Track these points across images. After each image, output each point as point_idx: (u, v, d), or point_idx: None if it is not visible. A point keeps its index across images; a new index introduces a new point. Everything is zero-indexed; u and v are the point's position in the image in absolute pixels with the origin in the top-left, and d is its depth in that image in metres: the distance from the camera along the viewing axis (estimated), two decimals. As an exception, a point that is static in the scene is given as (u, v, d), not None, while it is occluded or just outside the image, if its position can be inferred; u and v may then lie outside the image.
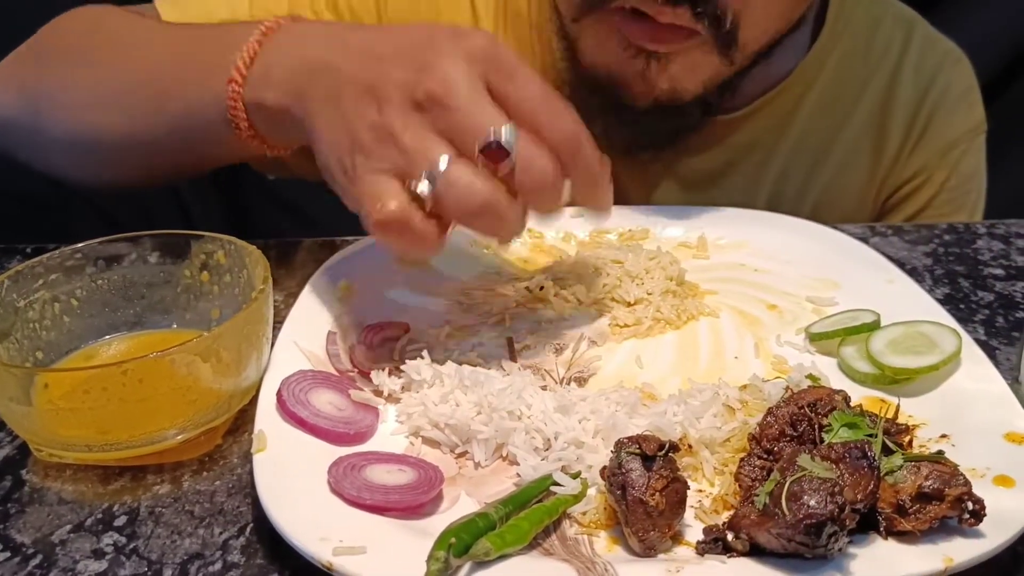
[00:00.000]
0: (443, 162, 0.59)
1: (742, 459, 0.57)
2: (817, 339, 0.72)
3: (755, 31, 0.86)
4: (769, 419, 0.58)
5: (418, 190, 0.60)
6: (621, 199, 1.00)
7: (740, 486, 0.55)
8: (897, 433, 0.57)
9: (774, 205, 1.03)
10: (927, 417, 0.62)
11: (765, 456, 0.56)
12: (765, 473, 0.55)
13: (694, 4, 0.81)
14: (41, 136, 0.90)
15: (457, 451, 0.61)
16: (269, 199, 1.87)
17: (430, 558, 0.49)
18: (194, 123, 0.79)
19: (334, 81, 0.65)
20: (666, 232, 0.90)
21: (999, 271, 0.87)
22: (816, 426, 0.57)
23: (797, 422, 0.57)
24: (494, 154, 0.59)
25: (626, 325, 0.75)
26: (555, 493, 0.56)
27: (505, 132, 0.60)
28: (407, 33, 0.66)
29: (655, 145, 0.98)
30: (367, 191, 0.61)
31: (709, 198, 1.00)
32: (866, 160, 1.05)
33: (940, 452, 0.55)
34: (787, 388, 0.62)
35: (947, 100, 1.05)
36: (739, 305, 0.78)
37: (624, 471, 0.52)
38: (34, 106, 0.89)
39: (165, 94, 0.80)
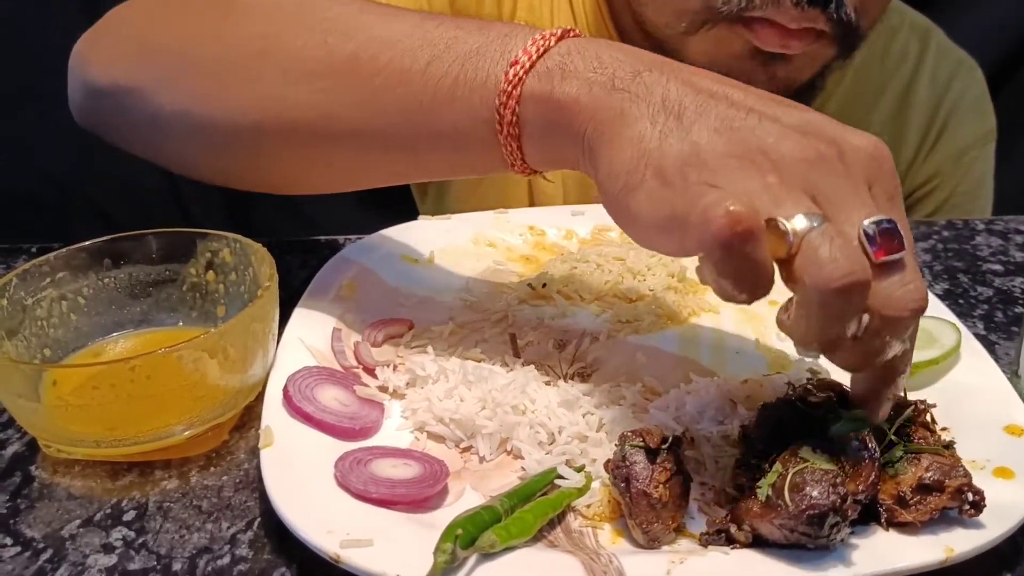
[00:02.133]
0: (816, 220, 0.48)
1: (738, 458, 0.57)
2: (818, 334, 0.72)
3: (870, 20, 0.87)
4: (763, 415, 0.58)
5: (790, 224, 0.47)
6: None
7: (738, 485, 0.56)
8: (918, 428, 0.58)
9: None
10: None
11: (761, 453, 0.57)
12: (762, 469, 0.55)
13: (824, 6, 0.80)
14: (162, 109, 0.71)
15: (462, 445, 0.62)
16: (270, 199, 1.88)
17: (437, 550, 0.49)
18: (432, 118, 0.61)
19: (683, 90, 0.53)
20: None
21: (998, 267, 0.88)
22: (809, 420, 0.57)
23: (791, 417, 0.57)
24: (885, 236, 0.48)
25: (628, 321, 0.76)
26: (559, 486, 0.57)
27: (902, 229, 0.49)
28: (765, 92, 0.55)
29: None
30: (712, 197, 0.48)
31: None
32: None
33: (951, 443, 0.55)
34: (788, 383, 0.63)
35: (961, 107, 1.07)
36: (740, 301, 0.79)
37: (628, 464, 0.53)
38: (163, 68, 0.71)
39: (401, 76, 0.61)
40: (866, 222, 0.48)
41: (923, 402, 0.58)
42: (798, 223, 0.47)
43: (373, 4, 0.66)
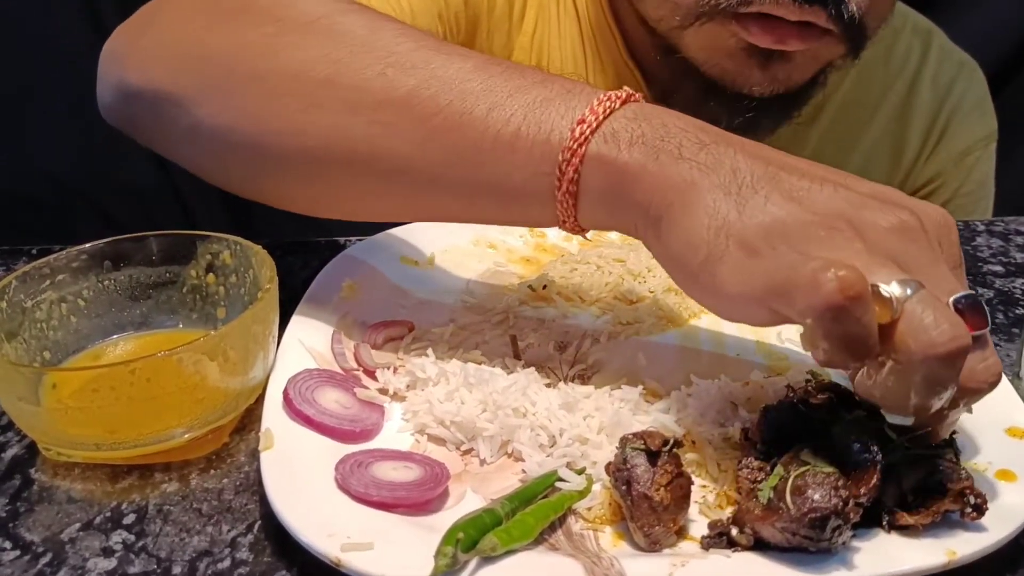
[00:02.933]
0: (915, 287, 0.47)
1: (739, 461, 0.57)
2: (819, 336, 0.72)
3: (876, 20, 0.86)
4: (763, 419, 0.58)
5: (891, 290, 0.47)
6: None
7: (740, 487, 0.56)
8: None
9: None
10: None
11: (762, 457, 0.57)
12: (763, 473, 0.55)
13: (825, 3, 0.79)
14: (202, 121, 0.68)
15: (463, 448, 0.62)
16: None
17: (438, 553, 0.49)
18: (487, 166, 0.60)
19: (752, 162, 0.53)
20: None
21: (998, 268, 0.88)
22: (810, 423, 0.57)
23: (791, 420, 0.57)
24: (972, 311, 0.49)
25: (629, 323, 0.75)
26: (560, 489, 0.56)
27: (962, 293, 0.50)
28: (836, 171, 0.55)
29: (764, 129, 0.94)
30: (817, 264, 0.47)
31: None
32: (884, 165, 1.07)
33: (952, 439, 0.55)
34: (787, 386, 0.63)
35: (962, 109, 1.08)
36: (741, 303, 0.79)
37: (629, 467, 0.53)
38: (210, 78, 0.68)
39: (462, 119, 0.60)
40: (956, 296, 0.49)
41: None
42: (895, 289, 0.47)
43: (439, 42, 0.64)
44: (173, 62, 0.70)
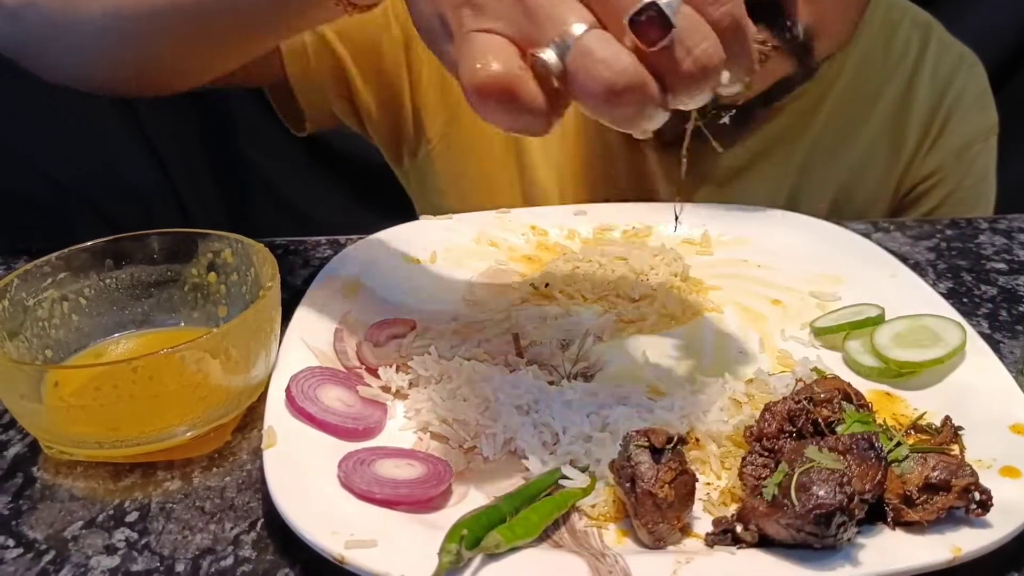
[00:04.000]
0: (578, 28, 0.47)
1: (744, 458, 0.57)
2: (821, 334, 0.72)
3: (829, 40, 0.88)
4: (767, 416, 0.58)
5: (541, 59, 0.47)
6: (648, 192, 1.01)
7: (745, 484, 0.56)
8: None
9: (793, 201, 1.05)
10: (933, 410, 0.63)
11: (766, 453, 0.56)
12: (768, 470, 0.55)
13: (769, 21, 0.81)
14: (70, 17, 0.80)
15: (465, 446, 0.62)
16: (271, 199, 1.88)
17: (442, 550, 0.49)
18: None
19: None
20: (669, 229, 0.90)
21: (1002, 265, 0.88)
22: (814, 420, 0.57)
23: (795, 417, 0.57)
24: (650, 24, 0.47)
25: (631, 321, 0.75)
26: (564, 486, 0.56)
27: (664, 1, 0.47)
28: None
29: (713, 133, 0.93)
30: (468, 50, 0.49)
31: (732, 194, 1.01)
32: (884, 158, 1.07)
33: (957, 430, 0.55)
34: (798, 380, 0.63)
35: (963, 102, 1.07)
36: (743, 301, 0.79)
37: (633, 464, 0.53)
38: None
39: None
40: (630, 14, 0.47)
41: (948, 419, 0.59)
42: (551, 56, 0.47)
43: None
44: None
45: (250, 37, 0.79)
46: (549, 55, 0.47)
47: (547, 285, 0.79)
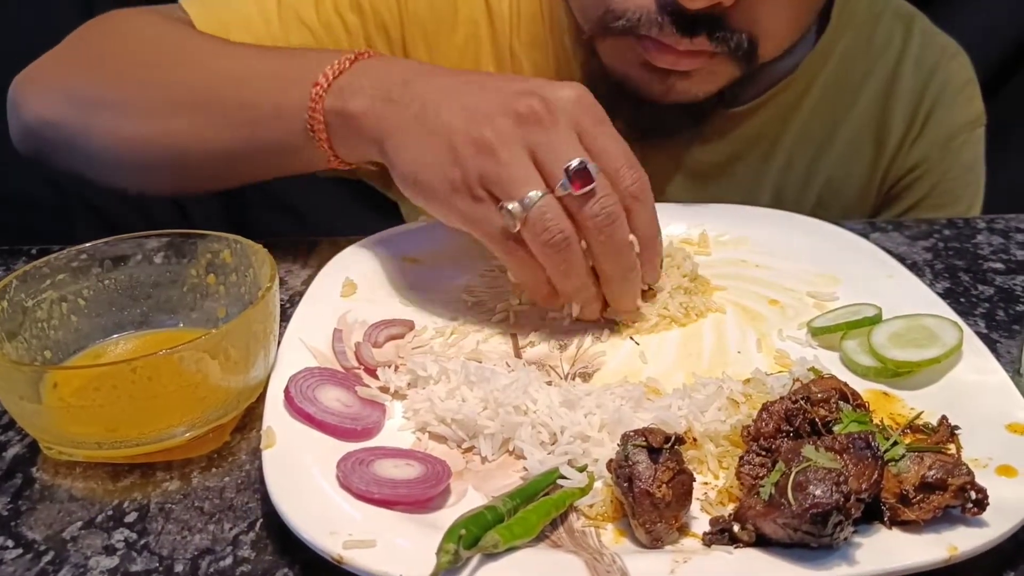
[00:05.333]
0: (533, 194, 0.66)
1: (741, 457, 0.57)
2: (819, 333, 0.73)
3: (774, 43, 0.89)
4: (764, 415, 0.58)
5: (509, 209, 0.66)
6: None
7: (742, 483, 0.56)
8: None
9: (778, 196, 1.05)
10: (929, 409, 0.63)
11: (763, 453, 0.57)
12: (765, 469, 0.56)
13: (711, 32, 0.83)
14: (92, 143, 0.88)
15: (464, 446, 0.62)
16: (269, 200, 1.88)
17: (440, 550, 0.49)
18: (268, 132, 0.81)
19: (427, 98, 0.71)
20: (668, 229, 0.89)
21: (999, 265, 0.88)
22: (811, 419, 0.57)
23: (792, 417, 0.57)
24: (578, 175, 0.66)
25: (629, 321, 0.75)
26: (562, 486, 0.56)
27: (590, 163, 0.67)
28: (503, 75, 0.77)
29: (669, 133, 0.99)
30: (475, 211, 0.69)
31: (715, 189, 1.01)
32: (868, 152, 1.07)
33: (953, 429, 0.55)
34: (796, 380, 0.63)
35: (947, 93, 1.07)
36: (741, 300, 0.79)
37: (630, 463, 0.53)
38: (87, 112, 0.88)
39: (240, 104, 0.82)
40: (567, 166, 0.66)
41: (945, 418, 0.59)
42: (515, 207, 0.66)
43: (213, 46, 0.87)
44: (58, 104, 0.90)
45: (265, 174, 0.90)
46: (514, 206, 0.66)
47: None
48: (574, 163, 0.66)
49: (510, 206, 0.66)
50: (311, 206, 1.83)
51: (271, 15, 0.95)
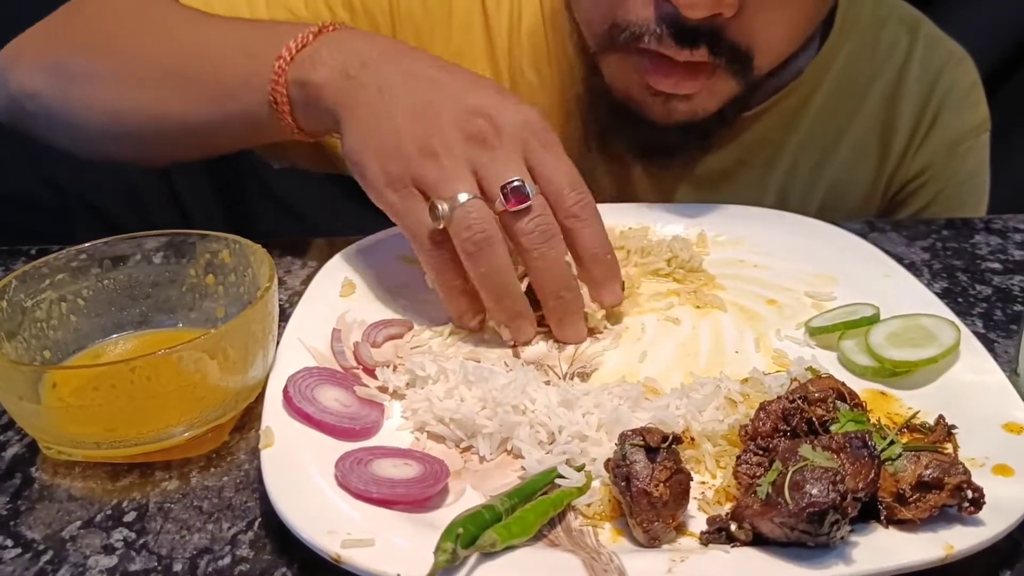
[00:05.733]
0: (464, 196, 0.68)
1: (738, 456, 0.57)
2: (817, 333, 0.73)
3: (770, 56, 0.88)
4: (761, 415, 0.58)
5: (437, 207, 0.68)
6: (635, 199, 1.01)
7: (739, 483, 0.56)
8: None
9: (783, 201, 1.05)
10: (927, 409, 0.63)
11: (760, 452, 0.57)
12: (762, 468, 0.56)
13: (711, 44, 0.83)
14: (69, 113, 0.91)
15: (462, 445, 0.62)
16: (269, 200, 1.88)
17: (438, 549, 0.49)
18: (234, 104, 0.82)
19: (382, 83, 0.73)
20: (666, 229, 0.90)
21: (997, 265, 0.88)
22: (809, 419, 0.57)
23: (789, 416, 0.58)
24: (515, 194, 0.68)
25: (628, 320, 0.75)
26: (560, 486, 0.57)
27: (529, 183, 0.69)
28: (465, 72, 0.74)
29: (671, 153, 1.00)
30: (405, 205, 0.71)
31: (720, 195, 1.01)
32: (873, 157, 1.07)
33: (951, 428, 0.55)
34: (793, 379, 0.63)
35: (952, 98, 1.07)
36: (739, 300, 0.79)
37: (628, 463, 0.53)
38: (65, 83, 0.90)
39: (207, 76, 0.84)
40: (503, 183, 0.68)
41: (942, 418, 0.59)
42: (444, 207, 0.68)
43: (186, 20, 0.89)
44: (40, 72, 0.92)
45: (234, 145, 0.94)
46: (443, 206, 0.68)
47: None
48: (513, 182, 0.68)
49: (439, 204, 0.68)
50: (311, 206, 1.83)
51: (258, 4, 0.95)
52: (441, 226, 0.68)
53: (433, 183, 0.69)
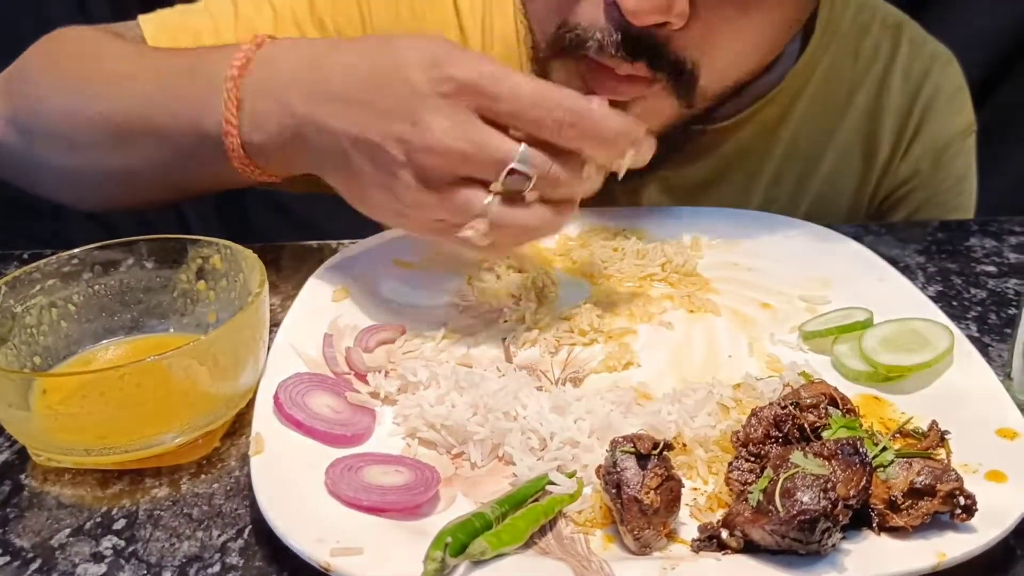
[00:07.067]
0: (488, 201, 0.66)
1: (730, 463, 0.57)
2: (810, 337, 0.73)
3: (715, 78, 0.85)
4: (753, 421, 0.58)
5: (473, 230, 0.67)
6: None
7: (731, 489, 0.56)
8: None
9: (767, 211, 1.03)
10: (920, 413, 0.63)
11: (752, 458, 0.57)
12: (754, 475, 0.55)
13: (650, 58, 0.80)
14: (34, 162, 0.90)
15: (453, 452, 0.62)
16: (266, 204, 1.88)
17: (427, 558, 0.49)
18: (197, 162, 0.81)
19: (331, 142, 0.71)
20: (660, 233, 0.90)
21: (991, 268, 0.88)
22: (800, 425, 0.57)
23: (781, 422, 0.57)
24: (517, 179, 0.66)
25: (621, 327, 0.75)
26: (551, 492, 0.56)
27: (516, 156, 0.65)
28: (372, 70, 0.70)
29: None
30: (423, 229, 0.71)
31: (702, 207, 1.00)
32: (857, 166, 1.05)
33: (943, 434, 0.55)
34: (786, 385, 0.63)
35: (937, 102, 1.05)
36: (732, 304, 0.79)
37: (619, 470, 0.53)
38: (27, 133, 0.89)
39: (159, 132, 0.81)
40: (500, 180, 0.66)
41: (935, 423, 0.59)
42: (480, 225, 0.67)
43: (130, 65, 0.86)
44: (4, 127, 0.91)
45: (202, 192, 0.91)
46: (481, 224, 0.67)
47: (542, 288, 0.79)
48: (500, 175, 0.66)
49: (475, 224, 0.67)
50: (306, 210, 1.83)
51: (226, 31, 0.94)
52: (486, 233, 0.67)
53: (449, 218, 0.68)
